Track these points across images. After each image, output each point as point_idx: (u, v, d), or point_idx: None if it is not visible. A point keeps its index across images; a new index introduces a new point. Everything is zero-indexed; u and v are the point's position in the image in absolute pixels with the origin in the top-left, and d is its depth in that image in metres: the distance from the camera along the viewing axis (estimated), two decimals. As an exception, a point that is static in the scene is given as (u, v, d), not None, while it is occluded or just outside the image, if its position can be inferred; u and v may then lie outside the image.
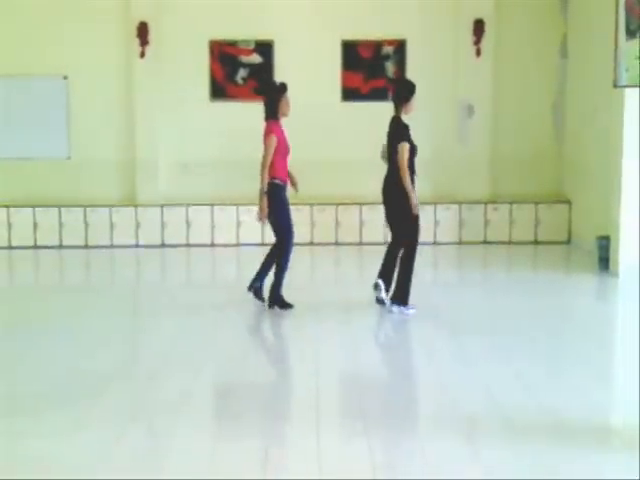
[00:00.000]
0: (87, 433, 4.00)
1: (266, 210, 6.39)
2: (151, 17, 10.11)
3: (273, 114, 6.43)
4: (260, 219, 6.53)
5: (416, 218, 6.31)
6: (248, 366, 5.22)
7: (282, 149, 6.44)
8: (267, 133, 6.40)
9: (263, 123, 6.48)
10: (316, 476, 3.46)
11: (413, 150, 6.31)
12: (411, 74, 10.21)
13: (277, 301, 6.55)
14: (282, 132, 6.50)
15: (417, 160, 6.41)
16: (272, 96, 6.45)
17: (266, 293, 6.60)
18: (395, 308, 6.35)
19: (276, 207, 6.44)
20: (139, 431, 4.06)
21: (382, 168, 6.54)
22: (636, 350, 5.33)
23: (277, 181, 6.44)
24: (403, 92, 6.34)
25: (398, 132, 6.27)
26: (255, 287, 6.62)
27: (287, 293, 6.58)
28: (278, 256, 6.56)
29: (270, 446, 3.84)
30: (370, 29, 10.23)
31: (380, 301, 6.46)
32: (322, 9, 10.25)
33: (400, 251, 6.40)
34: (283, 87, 6.48)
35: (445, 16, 10.22)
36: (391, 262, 6.47)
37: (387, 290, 6.44)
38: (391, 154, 6.34)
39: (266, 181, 6.36)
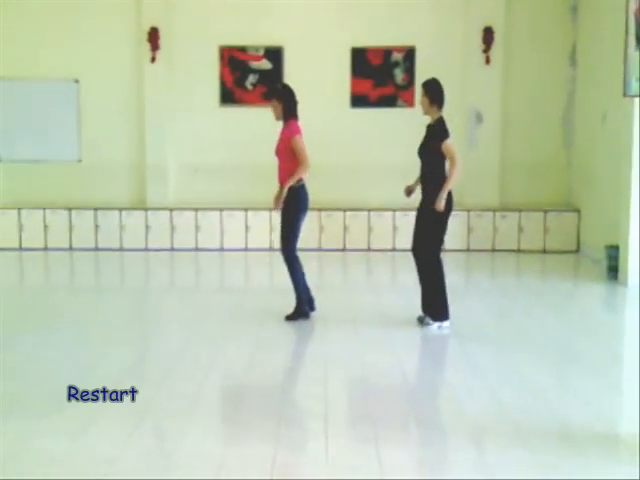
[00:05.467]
0: (96, 433, 4.03)
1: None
2: (162, 22, 10.18)
3: (293, 114, 6.28)
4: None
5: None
6: (256, 371, 5.23)
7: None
8: (294, 133, 6.20)
9: (277, 125, 6.39)
10: (325, 481, 3.48)
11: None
12: (420, 81, 10.24)
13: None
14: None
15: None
16: (289, 96, 6.31)
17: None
18: None
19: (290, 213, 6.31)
20: (148, 433, 4.09)
21: (390, 174, 6.57)
22: (644, 359, 5.34)
23: (301, 182, 6.31)
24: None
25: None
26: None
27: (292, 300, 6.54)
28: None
29: (278, 451, 3.85)
30: (379, 36, 10.27)
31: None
32: (332, 16, 10.30)
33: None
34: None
35: (455, 24, 10.25)
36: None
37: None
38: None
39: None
